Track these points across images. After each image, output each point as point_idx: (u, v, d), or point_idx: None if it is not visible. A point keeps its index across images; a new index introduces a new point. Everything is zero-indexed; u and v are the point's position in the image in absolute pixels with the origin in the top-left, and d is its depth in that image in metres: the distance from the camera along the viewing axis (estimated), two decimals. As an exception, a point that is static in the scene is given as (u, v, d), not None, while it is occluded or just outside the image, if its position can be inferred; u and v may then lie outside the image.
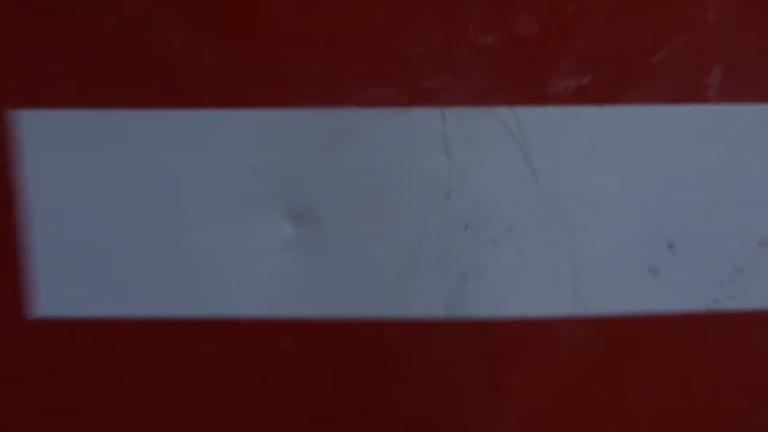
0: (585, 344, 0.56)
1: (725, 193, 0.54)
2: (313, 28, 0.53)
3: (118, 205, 0.55)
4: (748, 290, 0.55)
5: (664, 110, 0.53)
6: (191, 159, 0.54)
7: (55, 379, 0.56)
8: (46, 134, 0.53)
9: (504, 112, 0.54)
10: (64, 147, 0.54)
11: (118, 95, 0.53)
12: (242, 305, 0.55)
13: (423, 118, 0.54)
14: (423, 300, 0.56)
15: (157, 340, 0.56)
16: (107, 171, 0.54)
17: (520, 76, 0.54)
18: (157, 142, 0.54)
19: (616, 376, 0.57)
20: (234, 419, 0.57)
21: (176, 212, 0.55)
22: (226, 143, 0.54)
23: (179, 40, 0.53)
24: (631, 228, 0.55)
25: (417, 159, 0.54)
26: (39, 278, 0.55)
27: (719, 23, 0.52)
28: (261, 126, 0.54)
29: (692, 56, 0.53)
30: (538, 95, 0.54)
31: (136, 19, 0.52)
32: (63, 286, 0.55)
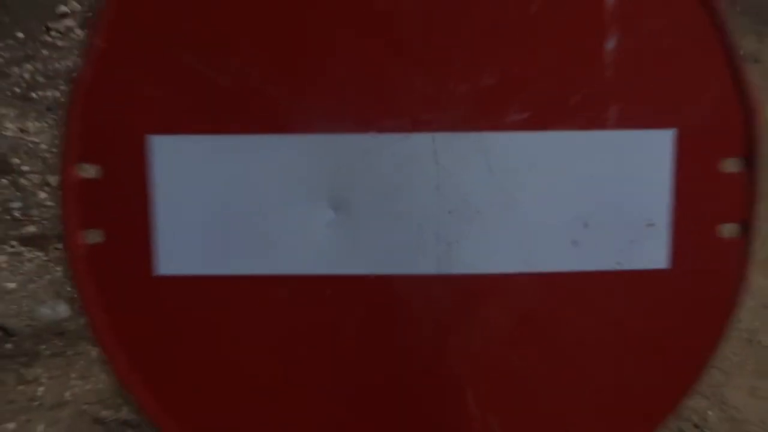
0: (531, 291, 0.67)
1: (622, 189, 0.65)
2: (345, 83, 0.63)
3: (222, 197, 0.65)
4: (641, 256, 0.66)
5: (579, 134, 0.64)
6: (268, 167, 0.64)
7: (173, 320, 0.67)
8: (170, 149, 0.64)
9: (474, 135, 0.64)
10: (185, 157, 0.64)
11: (218, 124, 0.64)
12: (298, 265, 0.66)
13: (420, 140, 0.64)
14: (422, 261, 0.66)
15: (243, 290, 0.67)
16: (214, 175, 0.64)
17: (484, 112, 0.63)
18: (247, 154, 0.64)
19: (552, 312, 0.68)
20: (291, 341, 0.68)
21: (258, 203, 0.65)
22: (291, 156, 0.64)
23: (261, 95, 0.63)
24: (559, 213, 0.65)
25: (416, 167, 0.64)
26: (162, 247, 0.66)
27: (613, 78, 0.63)
28: (313, 145, 0.64)
29: (596, 99, 0.63)
30: (496, 124, 0.64)
31: (236, 72, 0.63)
32: (179, 254, 0.66)
